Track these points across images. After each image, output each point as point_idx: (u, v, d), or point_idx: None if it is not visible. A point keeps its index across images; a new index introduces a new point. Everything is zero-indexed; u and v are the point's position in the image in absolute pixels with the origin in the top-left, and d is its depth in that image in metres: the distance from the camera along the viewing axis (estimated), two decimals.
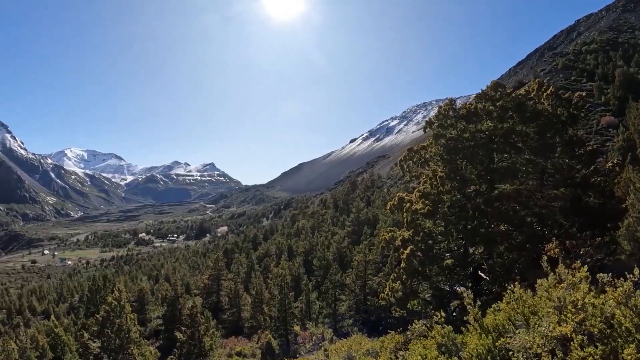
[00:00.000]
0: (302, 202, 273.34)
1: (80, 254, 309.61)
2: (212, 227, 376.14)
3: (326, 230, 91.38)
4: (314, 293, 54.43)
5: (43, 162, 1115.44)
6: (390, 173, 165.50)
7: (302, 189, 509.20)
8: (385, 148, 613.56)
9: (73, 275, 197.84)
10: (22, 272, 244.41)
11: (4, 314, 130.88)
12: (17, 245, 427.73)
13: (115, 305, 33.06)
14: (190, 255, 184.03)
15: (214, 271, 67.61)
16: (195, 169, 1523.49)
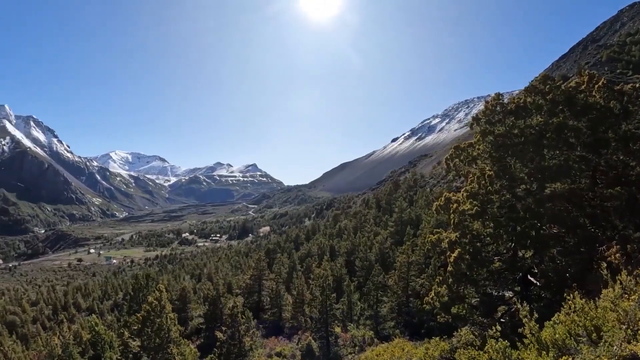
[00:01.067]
0: (344, 202, 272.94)
1: (125, 253, 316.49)
2: (254, 227, 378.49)
3: (368, 230, 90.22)
4: (356, 294, 53.40)
5: (89, 164, 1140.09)
6: (432, 172, 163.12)
7: (344, 189, 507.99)
8: (427, 147, 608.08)
9: (118, 274, 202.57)
10: (69, 270, 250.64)
11: (50, 309, 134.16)
12: (64, 244, 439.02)
13: (155, 305, 32.84)
14: (232, 254, 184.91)
15: (255, 271, 67.23)
16: (238, 169, 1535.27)
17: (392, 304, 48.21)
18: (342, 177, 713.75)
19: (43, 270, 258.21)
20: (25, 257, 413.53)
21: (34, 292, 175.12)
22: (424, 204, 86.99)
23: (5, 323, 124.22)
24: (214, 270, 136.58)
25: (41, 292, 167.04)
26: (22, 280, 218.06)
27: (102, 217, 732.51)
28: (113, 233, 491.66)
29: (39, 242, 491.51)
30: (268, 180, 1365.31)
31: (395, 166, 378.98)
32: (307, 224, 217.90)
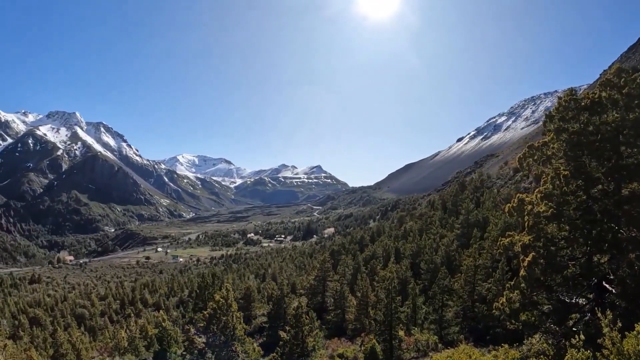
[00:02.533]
0: (409, 203, 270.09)
1: (191, 252, 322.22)
2: (319, 228, 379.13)
3: (434, 232, 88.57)
4: (421, 298, 52.39)
5: (157, 167, 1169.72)
6: (499, 173, 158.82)
7: (409, 190, 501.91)
8: (493, 146, 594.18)
9: (184, 272, 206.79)
10: (137, 267, 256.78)
11: (118, 304, 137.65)
12: (132, 242, 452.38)
13: (222, 303, 33.28)
14: (296, 255, 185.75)
15: (320, 272, 67.02)
16: (303, 171, 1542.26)
17: (457, 309, 46.88)
18: (407, 178, 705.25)
19: (112, 266, 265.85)
20: (95, 254, 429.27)
21: (103, 287, 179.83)
22: (491, 205, 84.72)
23: (75, 316, 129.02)
24: (278, 271, 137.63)
25: (110, 287, 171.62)
26: (92, 276, 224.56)
27: (170, 217, 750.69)
28: (180, 233, 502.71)
29: (109, 240, 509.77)
30: (333, 182, 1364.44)
31: (461, 166, 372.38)
32: (371, 226, 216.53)
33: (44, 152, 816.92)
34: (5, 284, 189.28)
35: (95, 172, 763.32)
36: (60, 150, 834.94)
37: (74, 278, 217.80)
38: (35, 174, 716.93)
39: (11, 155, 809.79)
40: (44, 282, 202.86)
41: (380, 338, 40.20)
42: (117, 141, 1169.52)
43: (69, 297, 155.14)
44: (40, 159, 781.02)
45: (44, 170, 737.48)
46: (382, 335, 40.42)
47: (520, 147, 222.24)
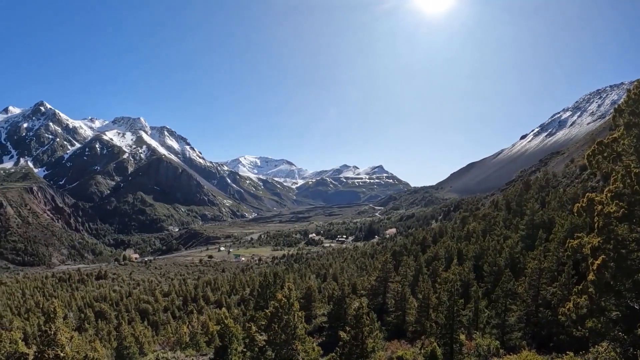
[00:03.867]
0: (472, 203, 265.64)
1: (253, 252, 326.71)
2: (380, 228, 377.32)
3: (498, 233, 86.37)
4: (483, 301, 50.89)
5: (220, 169, 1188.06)
6: (565, 171, 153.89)
7: (472, 189, 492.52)
8: (558, 143, 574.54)
9: (245, 271, 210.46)
10: (200, 265, 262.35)
11: (180, 300, 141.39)
12: (196, 242, 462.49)
13: (284, 302, 33.47)
14: (358, 256, 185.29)
15: (381, 273, 66.47)
16: (364, 171, 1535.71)
17: (520, 313, 45.25)
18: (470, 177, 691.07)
19: (176, 264, 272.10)
20: (160, 253, 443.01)
21: (167, 284, 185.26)
22: (557, 205, 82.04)
23: (139, 310, 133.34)
24: (339, 271, 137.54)
25: (173, 284, 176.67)
26: (157, 273, 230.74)
27: (232, 217, 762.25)
28: (242, 232, 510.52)
29: (173, 239, 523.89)
30: (394, 182, 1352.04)
31: (525, 165, 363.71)
32: (434, 226, 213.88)
33: (111, 155, 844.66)
34: (73, 279, 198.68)
35: (160, 174, 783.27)
36: (126, 154, 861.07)
37: (139, 275, 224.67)
38: (103, 176, 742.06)
39: (79, 159, 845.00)
40: (110, 278, 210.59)
41: (440, 341, 39.33)
42: (181, 144, 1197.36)
43: (133, 293, 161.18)
44: (107, 163, 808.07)
45: (110, 173, 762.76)
46: (442, 339, 39.54)
47: (586, 143, 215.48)
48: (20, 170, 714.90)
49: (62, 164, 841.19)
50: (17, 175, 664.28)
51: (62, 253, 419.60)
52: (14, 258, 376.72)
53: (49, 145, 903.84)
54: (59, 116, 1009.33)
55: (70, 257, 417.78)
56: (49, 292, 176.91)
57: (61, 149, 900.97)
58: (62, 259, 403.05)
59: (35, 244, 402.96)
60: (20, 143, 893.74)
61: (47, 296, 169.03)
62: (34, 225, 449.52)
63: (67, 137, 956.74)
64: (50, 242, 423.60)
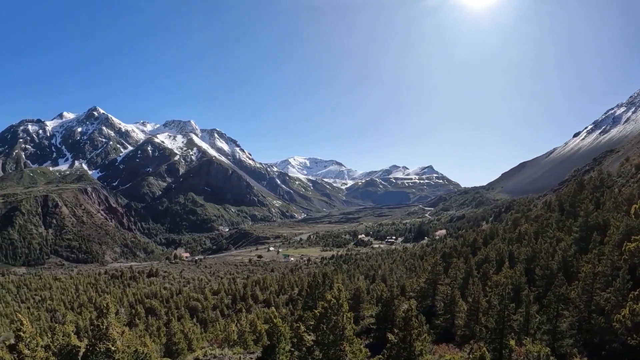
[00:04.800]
0: (524, 204, 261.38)
1: (302, 252, 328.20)
2: (430, 230, 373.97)
3: (550, 236, 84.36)
4: (534, 306, 49.70)
5: (269, 170, 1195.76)
6: (620, 170, 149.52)
7: (524, 190, 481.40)
8: (612, 141, 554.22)
9: (294, 271, 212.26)
10: (249, 264, 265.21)
11: (229, 299, 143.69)
12: (245, 241, 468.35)
13: (333, 303, 33.58)
14: (407, 257, 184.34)
15: (431, 275, 65.88)
16: (414, 172, 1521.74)
17: (572, 319, 44.01)
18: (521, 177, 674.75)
19: (225, 264, 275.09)
20: (210, 252, 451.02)
21: (216, 282, 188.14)
22: (612, 206, 79.67)
23: (188, 308, 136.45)
24: (388, 272, 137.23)
25: (223, 283, 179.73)
26: (206, 272, 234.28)
27: (282, 218, 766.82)
28: (292, 233, 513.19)
29: (223, 239, 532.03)
30: (444, 182, 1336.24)
31: (578, 164, 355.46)
32: (484, 228, 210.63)
33: (162, 158, 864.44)
34: (125, 277, 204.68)
35: (211, 176, 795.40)
36: (177, 156, 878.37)
37: (189, 273, 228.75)
38: (155, 177, 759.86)
39: (132, 161, 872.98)
40: (160, 276, 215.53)
41: (490, 346, 38.65)
42: (231, 146, 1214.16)
43: (183, 291, 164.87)
44: (158, 164, 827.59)
45: (162, 175, 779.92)
46: (492, 344, 38.87)
47: None
48: (75, 172, 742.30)
49: (115, 166, 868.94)
50: (72, 177, 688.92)
51: (114, 251, 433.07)
52: (69, 255, 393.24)
53: (102, 148, 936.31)
54: (112, 120, 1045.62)
55: (123, 255, 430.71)
56: (101, 288, 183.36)
57: (114, 152, 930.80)
58: (114, 257, 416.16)
59: (89, 242, 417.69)
60: (74, 146, 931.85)
61: (99, 292, 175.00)
62: (88, 224, 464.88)
63: (119, 140, 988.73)
64: (103, 241, 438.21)
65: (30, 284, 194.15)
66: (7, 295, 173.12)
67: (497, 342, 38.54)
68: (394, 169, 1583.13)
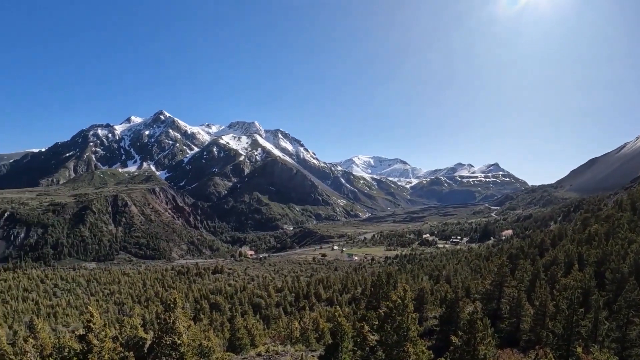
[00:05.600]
0: (593, 203, 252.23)
1: (366, 251, 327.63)
2: (496, 229, 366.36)
3: (622, 237, 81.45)
4: (604, 311, 48.06)
5: (334, 169, 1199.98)
6: None
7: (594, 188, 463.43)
8: None
9: (358, 270, 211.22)
10: (313, 263, 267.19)
11: (293, 297, 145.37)
12: (310, 240, 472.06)
13: (398, 303, 33.43)
14: (472, 258, 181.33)
15: (497, 276, 64.29)
16: (479, 169, 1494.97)
17: None
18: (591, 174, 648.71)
19: (289, 262, 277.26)
20: (274, 250, 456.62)
21: (280, 280, 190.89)
22: None
23: (252, 304, 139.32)
24: (452, 273, 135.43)
25: (286, 280, 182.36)
26: (270, 270, 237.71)
27: (346, 217, 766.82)
28: (356, 232, 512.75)
29: (288, 237, 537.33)
30: (511, 180, 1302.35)
31: None
32: (552, 228, 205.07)
33: (227, 158, 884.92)
34: (191, 273, 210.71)
35: (275, 175, 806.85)
36: (242, 156, 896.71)
37: (254, 271, 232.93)
38: (220, 177, 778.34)
39: (198, 162, 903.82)
40: (225, 273, 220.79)
41: (556, 353, 37.74)
42: (295, 146, 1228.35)
43: (247, 288, 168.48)
44: (224, 165, 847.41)
45: (227, 175, 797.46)
46: (558, 350, 37.93)
47: None
48: (144, 173, 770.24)
49: (182, 167, 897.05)
50: (140, 178, 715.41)
51: (181, 248, 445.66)
52: (137, 252, 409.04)
53: (169, 150, 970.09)
54: (178, 123, 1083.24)
55: (189, 252, 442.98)
56: (167, 283, 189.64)
57: (181, 153, 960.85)
58: (181, 254, 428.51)
59: (157, 240, 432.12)
60: (142, 149, 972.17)
61: (165, 287, 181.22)
62: (155, 222, 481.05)
63: (186, 142, 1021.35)
64: (170, 238, 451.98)
65: (100, 278, 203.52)
66: (78, 288, 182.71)
67: (564, 348, 37.67)
68: (459, 167, 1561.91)
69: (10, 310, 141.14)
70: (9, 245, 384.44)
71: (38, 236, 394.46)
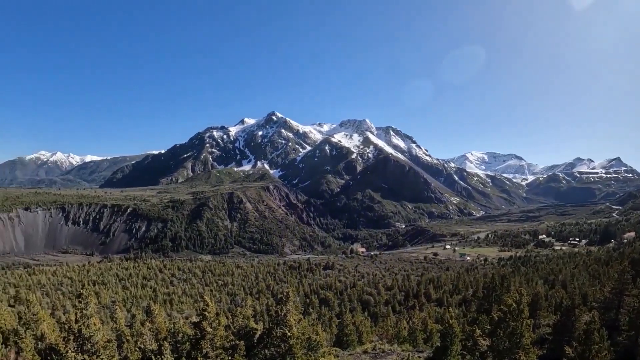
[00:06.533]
0: None
1: (478, 251, 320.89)
2: (617, 231, 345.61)
3: None
4: None
5: (446, 166, 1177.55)
6: None
7: None
8: None
9: (470, 270, 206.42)
10: (424, 262, 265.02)
11: (402, 295, 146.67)
12: (421, 238, 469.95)
13: (513, 308, 33.36)
14: (591, 262, 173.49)
15: (617, 284, 61.24)
16: (600, 165, 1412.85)
17: None
18: None
19: (400, 260, 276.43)
20: (385, 248, 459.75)
21: (390, 278, 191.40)
22: None
23: (361, 301, 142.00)
24: (569, 278, 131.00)
25: (396, 279, 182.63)
26: (381, 267, 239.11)
27: (459, 215, 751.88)
28: (469, 231, 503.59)
29: (399, 235, 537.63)
30: (634, 177, 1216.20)
31: None
32: None
33: (339, 156, 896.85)
34: (302, 268, 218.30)
35: (387, 173, 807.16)
36: (354, 154, 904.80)
37: (364, 268, 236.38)
38: (332, 175, 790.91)
39: (310, 161, 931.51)
40: (336, 269, 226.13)
41: None
42: (407, 143, 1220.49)
43: (357, 284, 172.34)
44: (336, 163, 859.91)
45: (340, 172, 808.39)
46: None
47: None
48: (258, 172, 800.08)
49: (294, 166, 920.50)
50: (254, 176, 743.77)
51: (293, 244, 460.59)
52: (251, 246, 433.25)
53: (282, 150, 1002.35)
54: (290, 123, 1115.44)
55: (301, 248, 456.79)
56: (279, 277, 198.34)
57: (293, 152, 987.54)
58: (293, 249, 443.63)
59: (270, 235, 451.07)
60: (256, 149, 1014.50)
61: (277, 281, 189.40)
62: (269, 218, 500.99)
63: (298, 141, 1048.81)
64: (283, 234, 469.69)
65: (215, 269, 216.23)
66: (193, 278, 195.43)
67: None
68: (578, 162, 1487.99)
69: (129, 295, 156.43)
70: (131, 237, 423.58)
71: (158, 230, 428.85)
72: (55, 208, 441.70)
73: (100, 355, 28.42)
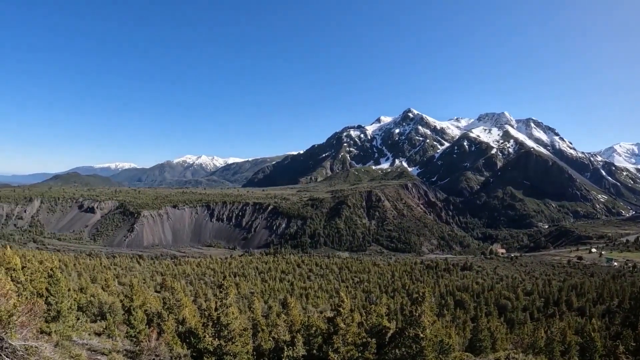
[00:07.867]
0: None
1: (627, 256, 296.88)
2: None
3: None
4: None
5: (593, 160, 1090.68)
6: None
7: None
8: None
9: (616, 278, 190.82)
10: (567, 266, 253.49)
11: (542, 302, 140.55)
12: (565, 240, 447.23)
13: None
14: None
15: None
16: None
17: None
18: None
19: (542, 263, 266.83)
20: (527, 249, 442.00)
21: (530, 282, 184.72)
22: None
23: (498, 305, 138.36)
24: None
25: (537, 284, 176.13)
26: (521, 270, 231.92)
27: (607, 215, 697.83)
28: (617, 233, 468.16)
29: (542, 236, 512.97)
30: None
31: None
32: None
33: (478, 152, 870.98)
34: (439, 268, 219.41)
35: (529, 168, 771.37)
36: (494, 149, 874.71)
37: (503, 270, 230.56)
38: (472, 172, 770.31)
39: (449, 157, 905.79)
40: (474, 270, 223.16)
41: None
42: (549, 135, 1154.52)
43: (495, 287, 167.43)
44: (475, 159, 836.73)
45: (479, 169, 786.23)
46: None
47: None
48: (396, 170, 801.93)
49: (433, 163, 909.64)
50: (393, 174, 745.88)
51: (431, 243, 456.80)
52: (388, 244, 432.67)
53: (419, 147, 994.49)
54: (426, 120, 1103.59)
55: (439, 247, 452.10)
56: (415, 276, 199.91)
57: (431, 149, 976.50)
58: (431, 249, 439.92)
59: (408, 234, 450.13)
60: (393, 146, 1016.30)
61: (413, 280, 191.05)
62: (407, 217, 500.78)
63: (435, 138, 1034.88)
64: (421, 233, 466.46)
65: (351, 266, 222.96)
66: (330, 274, 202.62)
67: None
68: None
69: (267, 288, 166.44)
70: (271, 233, 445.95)
71: (297, 227, 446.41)
72: (201, 206, 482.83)
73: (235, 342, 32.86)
